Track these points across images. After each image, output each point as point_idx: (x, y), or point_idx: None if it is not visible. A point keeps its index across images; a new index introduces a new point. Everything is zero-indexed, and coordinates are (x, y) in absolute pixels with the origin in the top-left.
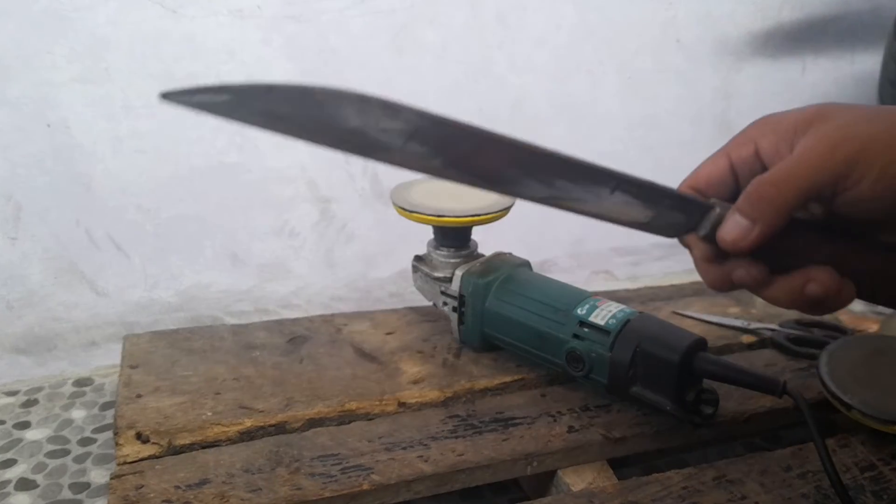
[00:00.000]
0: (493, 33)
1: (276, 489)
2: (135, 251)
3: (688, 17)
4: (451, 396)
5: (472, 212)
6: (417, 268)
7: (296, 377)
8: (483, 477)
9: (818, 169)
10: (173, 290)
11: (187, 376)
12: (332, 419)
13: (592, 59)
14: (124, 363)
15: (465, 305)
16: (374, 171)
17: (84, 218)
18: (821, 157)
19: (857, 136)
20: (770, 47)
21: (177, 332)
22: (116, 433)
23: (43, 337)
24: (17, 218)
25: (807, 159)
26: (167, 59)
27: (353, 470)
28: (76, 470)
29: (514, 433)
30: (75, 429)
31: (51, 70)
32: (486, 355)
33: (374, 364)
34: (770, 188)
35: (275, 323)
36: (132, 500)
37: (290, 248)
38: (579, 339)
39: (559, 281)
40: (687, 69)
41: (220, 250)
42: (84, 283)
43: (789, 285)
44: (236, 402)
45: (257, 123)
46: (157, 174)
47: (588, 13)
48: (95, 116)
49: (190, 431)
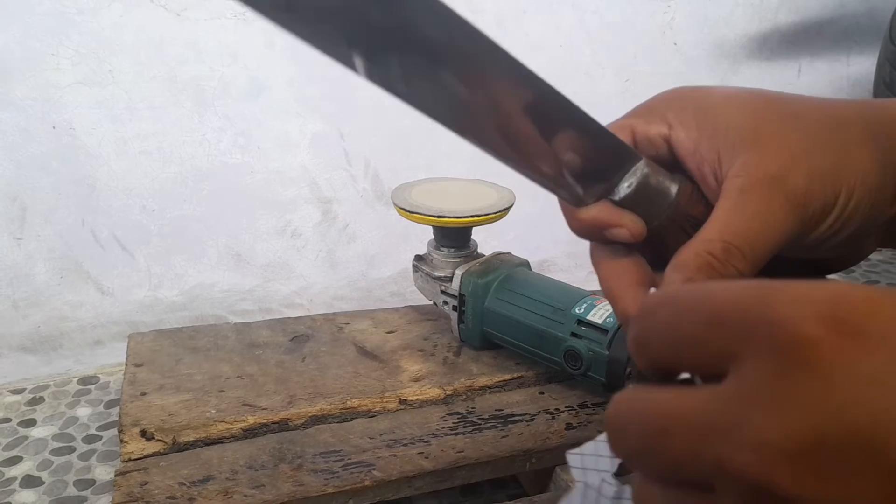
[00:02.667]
0: (492, 36)
1: (279, 485)
2: (139, 251)
3: (685, 21)
4: (451, 394)
5: (472, 212)
6: (418, 267)
7: (298, 375)
8: (483, 473)
9: (786, 232)
10: (177, 289)
11: (191, 374)
12: (334, 416)
13: (591, 62)
14: (129, 361)
15: (464, 304)
16: (376, 172)
17: (89, 218)
18: (786, 213)
19: (820, 177)
20: (766, 50)
21: (181, 331)
22: (121, 430)
23: (48, 336)
24: (22, 218)
25: (770, 221)
26: (171, 61)
27: (354, 466)
28: (81, 467)
29: (514, 430)
30: (80, 426)
31: (55, 72)
32: (486, 353)
33: (375, 362)
34: (737, 262)
35: (277, 322)
36: (137, 496)
37: (292, 249)
38: (577, 338)
39: (558, 280)
40: (685, 71)
41: (223, 250)
42: (89, 283)
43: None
44: (240, 400)
45: None
46: (162, 175)
47: (586, 16)
48: (100, 118)
49: (194, 429)
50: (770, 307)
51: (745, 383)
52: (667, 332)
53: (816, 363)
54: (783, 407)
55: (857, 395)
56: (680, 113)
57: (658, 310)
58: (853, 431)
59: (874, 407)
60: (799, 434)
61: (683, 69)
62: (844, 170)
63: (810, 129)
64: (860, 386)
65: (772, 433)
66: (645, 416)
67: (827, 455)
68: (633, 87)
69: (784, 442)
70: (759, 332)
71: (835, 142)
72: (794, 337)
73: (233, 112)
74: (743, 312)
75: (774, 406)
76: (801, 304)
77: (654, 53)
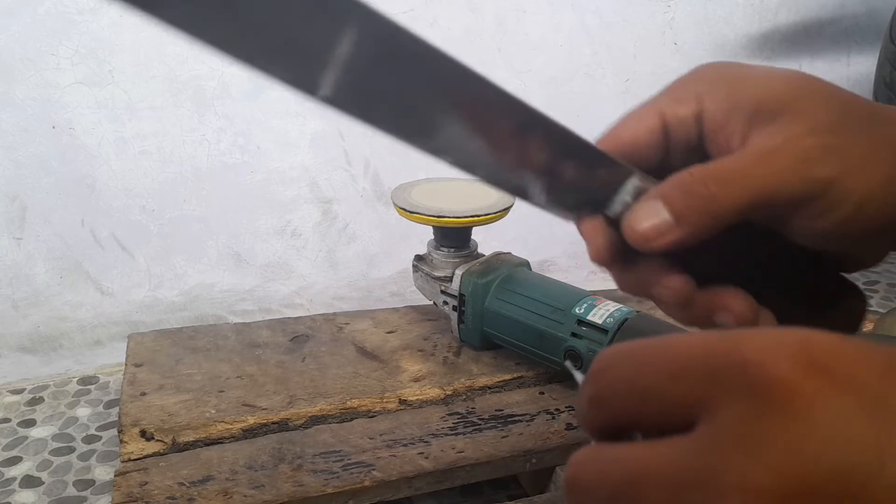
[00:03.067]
0: (492, 36)
1: (279, 486)
2: (139, 251)
3: (685, 20)
4: (451, 394)
5: (472, 212)
6: (418, 267)
7: (298, 375)
8: (483, 473)
9: (783, 182)
10: (177, 289)
11: (191, 374)
12: (334, 416)
13: (591, 62)
14: (129, 361)
15: (464, 305)
16: (376, 172)
17: (89, 218)
18: (791, 169)
19: (839, 153)
20: (767, 50)
21: (181, 331)
22: (121, 431)
23: (48, 336)
24: (22, 218)
25: (771, 164)
26: (171, 61)
27: (354, 466)
28: (81, 467)
29: (514, 430)
30: (80, 426)
31: (55, 72)
32: (486, 353)
33: (375, 362)
34: (713, 185)
35: (277, 322)
36: (136, 496)
37: (292, 249)
38: (577, 338)
39: (558, 280)
40: (684, 71)
41: (223, 250)
42: (89, 283)
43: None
44: (239, 400)
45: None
46: (161, 175)
47: (586, 16)
48: (100, 118)
49: (194, 429)
50: (740, 351)
51: (721, 429)
52: (628, 386)
53: (794, 404)
54: (767, 451)
55: (835, 435)
56: (712, 85)
57: (617, 364)
58: (835, 472)
59: (851, 448)
60: (784, 478)
61: (683, 69)
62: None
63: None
64: (837, 426)
65: (758, 478)
66: (611, 477)
67: (811, 499)
68: (633, 87)
69: (771, 485)
70: (731, 375)
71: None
72: (769, 378)
73: (233, 112)
74: (710, 359)
75: (757, 450)
76: (772, 347)
77: (654, 53)
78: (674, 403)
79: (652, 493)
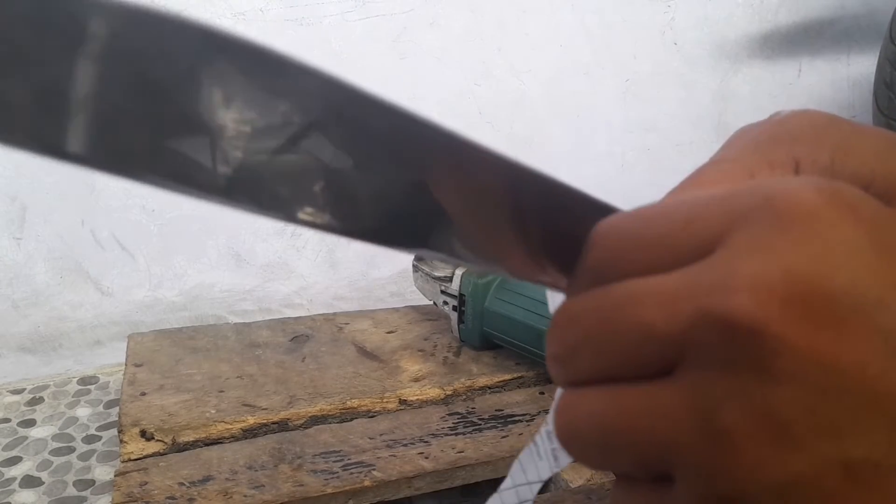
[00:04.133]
0: (492, 36)
1: (279, 486)
2: (139, 251)
3: (685, 21)
4: (451, 394)
5: None
6: (418, 268)
7: (298, 375)
8: (483, 473)
9: None
10: (177, 289)
11: (191, 374)
12: (334, 416)
13: (591, 62)
14: (129, 361)
15: (464, 305)
16: None
17: (89, 218)
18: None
19: None
20: (767, 50)
21: (181, 331)
22: (121, 431)
23: (48, 336)
24: (22, 218)
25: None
26: None
27: (354, 467)
28: (81, 467)
29: (514, 430)
30: (80, 426)
31: None
32: (486, 353)
33: (375, 362)
34: None
35: (277, 322)
36: (136, 496)
37: (292, 249)
38: None
39: None
40: (685, 72)
41: (223, 250)
42: (89, 283)
43: None
44: (239, 400)
45: None
46: None
47: (586, 16)
48: None
49: (194, 429)
50: (766, 186)
51: (737, 243)
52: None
53: (816, 226)
54: (783, 256)
55: (851, 260)
56: (812, 149)
57: (622, 223)
58: (849, 288)
59: (865, 273)
60: (799, 281)
61: (683, 69)
62: None
63: None
64: (852, 253)
65: (772, 276)
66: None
67: (823, 304)
68: (633, 87)
69: (786, 285)
70: (754, 205)
71: None
72: (794, 202)
73: None
74: (731, 198)
75: (774, 255)
76: (800, 181)
77: (654, 53)
78: (688, 248)
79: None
